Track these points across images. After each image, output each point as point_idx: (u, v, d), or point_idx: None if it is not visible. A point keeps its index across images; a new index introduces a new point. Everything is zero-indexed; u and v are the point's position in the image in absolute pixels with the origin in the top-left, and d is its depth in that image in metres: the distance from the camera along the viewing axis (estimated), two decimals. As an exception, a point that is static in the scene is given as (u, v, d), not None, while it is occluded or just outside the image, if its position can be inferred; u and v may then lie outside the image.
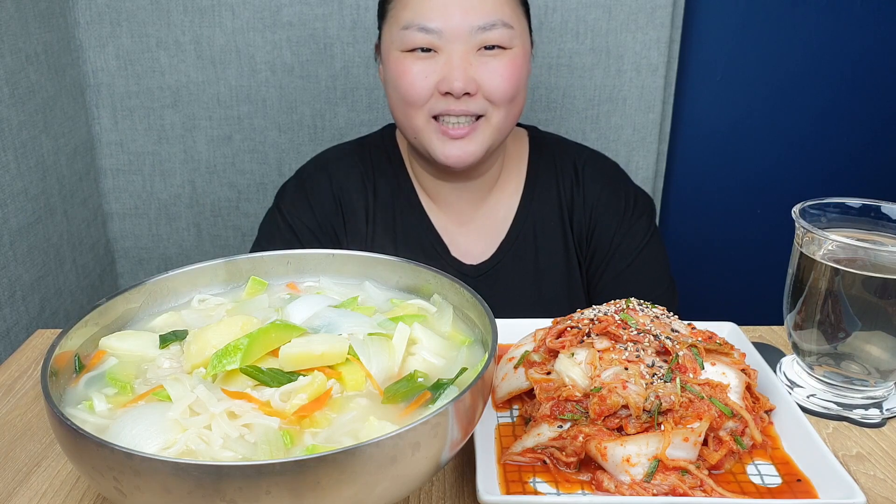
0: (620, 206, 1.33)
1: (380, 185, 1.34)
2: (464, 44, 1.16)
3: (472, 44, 1.16)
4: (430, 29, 1.15)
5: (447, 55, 1.16)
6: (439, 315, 0.78)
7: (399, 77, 1.19)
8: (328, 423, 0.62)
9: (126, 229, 1.96)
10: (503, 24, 1.16)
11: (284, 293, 0.84)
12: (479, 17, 1.15)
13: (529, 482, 0.73)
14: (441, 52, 1.17)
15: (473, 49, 1.17)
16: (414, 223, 1.33)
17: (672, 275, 1.37)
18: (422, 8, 1.16)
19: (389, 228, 1.32)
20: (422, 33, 1.15)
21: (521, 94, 1.23)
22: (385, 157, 1.35)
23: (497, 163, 1.32)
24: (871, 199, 0.91)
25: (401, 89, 1.19)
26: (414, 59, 1.18)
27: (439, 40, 1.16)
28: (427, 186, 1.34)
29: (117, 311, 0.76)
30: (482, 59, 1.17)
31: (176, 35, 1.78)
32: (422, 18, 1.15)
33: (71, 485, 0.77)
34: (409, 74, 1.18)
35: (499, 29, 1.16)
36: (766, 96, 2.02)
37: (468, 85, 1.16)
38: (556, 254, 1.34)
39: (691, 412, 0.74)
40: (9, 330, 1.42)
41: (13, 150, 1.45)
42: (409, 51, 1.18)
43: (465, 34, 1.15)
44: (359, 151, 1.36)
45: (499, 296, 1.31)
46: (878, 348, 0.85)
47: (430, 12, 1.15)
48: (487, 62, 1.17)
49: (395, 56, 1.20)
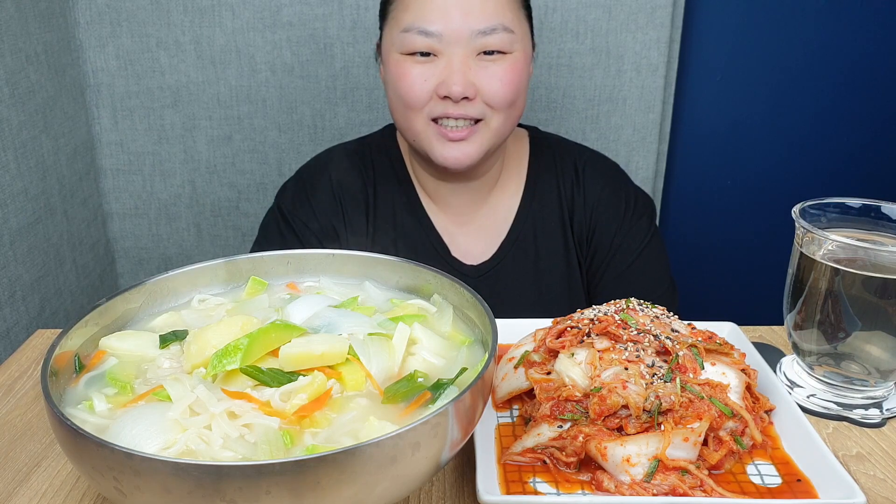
0: (621, 207, 1.33)
1: (380, 185, 1.34)
2: (463, 47, 1.15)
3: (472, 48, 1.16)
4: (430, 32, 1.15)
5: (447, 59, 1.16)
6: (439, 315, 0.78)
7: (398, 80, 1.19)
8: (328, 424, 0.62)
9: (126, 229, 1.96)
10: (504, 29, 1.16)
11: (284, 293, 0.84)
12: (479, 21, 1.15)
13: (529, 482, 0.73)
14: (441, 55, 1.16)
15: (473, 53, 1.16)
16: (414, 223, 1.33)
17: (672, 275, 1.37)
18: (422, 11, 1.15)
19: (390, 228, 1.32)
20: (421, 36, 1.15)
21: (520, 99, 1.23)
22: (386, 157, 1.35)
23: (497, 163, 1.32)
24: (871, 199, 0.91)
25: (400, 92, 1.19)
26: (413, 62, 1.17)
27: (439, 44, 1.15)
28: (427, 187, 1.34)
29: (117, 311, 0.76)
30: (482, 64, 1.17)
31: (176, 35, 1.78)
32: (422, 21, 1.15)
33: (71, 485, 0.77)
34: (409, 77, 1.17)
35: (499, 33, 1.16)
36: (766, 96, 2.02)
37: (467, 89, 1.15)
38: (557, 254, 1.34)
39: (691, 412, 0.74)
40: (9, 330, 1.42)
41: (13, 150, 1.45)
42: (409, 54, 1.18)
43: (466, 38, 1.15)
44: (360, 151, 1.36)
45: (499, 296, 1.31)
46: (878, 348, 0.85)
47: (430, 15, 1.15)
48: (487, 67, 1.17)
49: (395, 58, 1.20)
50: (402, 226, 1.32)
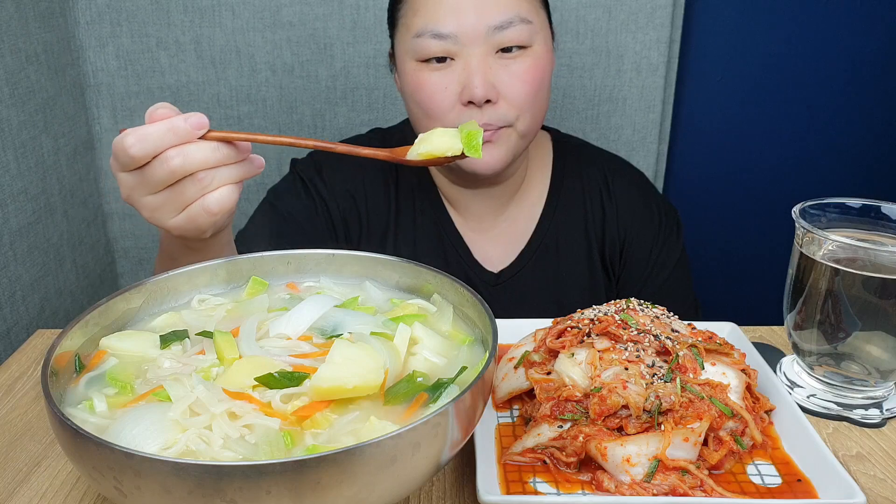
0: (654, 220, 1.30)
1: (402, 182, 1.30)
2: (480, 46, 1.09)
3: (489, 45, 1.10)
4: (444, 34, 1.09)
5: (464, 61, 1.10)
6: (439, 314, 0.78)
7: (417, 90, 1.13)
8: (329, 425, 0.62)
9: (126, 229, 1.96)
10: (521, 20, 1.10)
11: (284, 293, 0.84)
12: (494, 16, 1.09)
13: (529, 482, 0.73)
14: (458, 58, 1.11)
15: (492, 51, 1.10)
16: (436, 226, 1.29)
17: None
18: (434, 13, 1.10)
19: (410, 227, 1.29)
20: (436, 40, 1.10)
21: (545, 94, 1.17)
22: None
23: (521, 168, 1.28)
24: (871, 199, 0.91)
25: (422, 104, 1.14)
26: (430, 69, 1.12)
27: (455, 45, 1.10)
28: (447, 191, 1.30)
29: (117, 311, 0.76)
30: (502, 62, 1.11)
31: (176, 35, 1.78)
32: (434, 24, 1.09)
33: (71, 485, 0.77)
34: (428, 87, 1.12)
35: (517, 26, 1.09)
36: (766, 96, 2.02)
37: (489, 92, 1.09)
38: (579, 265, 1.30)
39: (691, 412, 0.74)
40: (9, 330, 1.42)
41: (13, 150, 1.45)
42: (425, 60, 1.12)
43: (482, 36, 1.09)
44: (381, 144, 1.32)
45: (519, 303, 1.28)
46: (878, 348, 0.85)
47: (442, 15, 1.09)
48: (507, 65, 1.11)
49: (410, 67, 1.14)
50: (423, 225, 1.29)
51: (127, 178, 0.81)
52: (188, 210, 0.81)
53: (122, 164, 0.79)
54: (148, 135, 0.77)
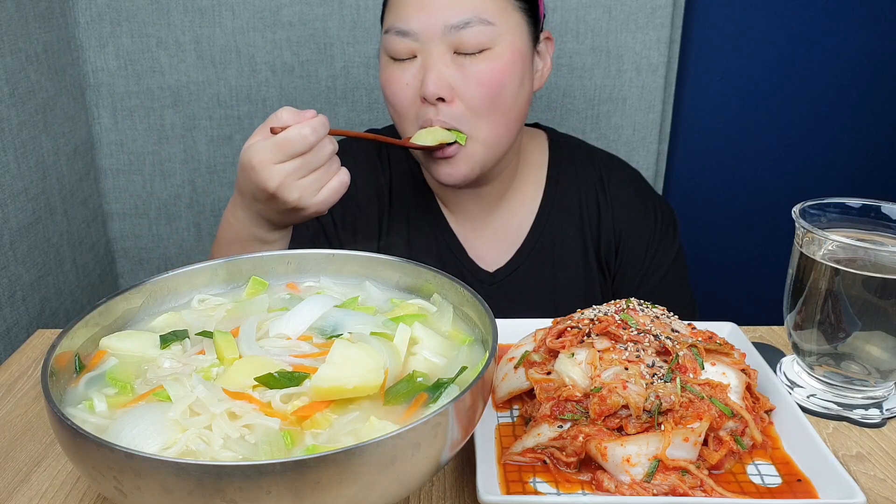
0: (650, 220, 1.30)
1: (395, 180, 1.30)
2: (439, 45, 1.10)
3: (447, 44, 1.09)
4: (406, 31, 1.10)
5: (423, 58, 1.11)
6: (439, 314, 0.78)
7: (385, 85, 1.16)
8: (329, 425, 0.62)
9: (126, 229, 1.96)
10: (480, 21, 1.08)
11: (284, 293, 0.84)
12: (452, 15, 1.08)
13: (529, 482, 0.73)
14: (419, 55, 1.12)
15: (450, 51, 1.10)
16: (430, 224, 1.29)
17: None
18: (402, 11, 1.11)
19: (404, 226, 1.29)
20: (399, 37, 1.11)
21: (508, 100, 1.13)
22: (402, 152, 1.31)
23: (510, 167, 1.27)
24: (871, 199, 0.91)
25: (388, 99, 1.16)
26: (396, 65, 1.13)
27: (416, 43, 1.11)
28: (439, 190, 1.30)
29: (117, 311, 0.76)
30: (460, 62, 1.10)
31: (176, 35, 1.78)
32: (399, 20, 1.11)
33: (71, 485, 0.77)
34: (393, 82, 1.14)
35: (475, 27, 1.08)
36: (766, 96, 2.02)
37: (441, 89, 1.08)
38: (575, 264, 1.30)
39: (691, 412, 0.74)
40: (9, 330, 1.42)
41: (13, 150, 1.45)
42: (394, 58, 1.14)
43: (440, 34, 1.09)
44: (377, 144, 1.32)
45: (515, 303, 1.28)
46: (878, 348, 0.85)
47: (407, 14, 1.10)
48: (465, 66, 1.10)
49: (384, 62, 1.16)
50: (416, 223, 1.29)
51: (287, 167, 0.96)
52: (328, 186, 1.00)
53: (289, 153, 0.96)
54: (317, 126, 0.97)
